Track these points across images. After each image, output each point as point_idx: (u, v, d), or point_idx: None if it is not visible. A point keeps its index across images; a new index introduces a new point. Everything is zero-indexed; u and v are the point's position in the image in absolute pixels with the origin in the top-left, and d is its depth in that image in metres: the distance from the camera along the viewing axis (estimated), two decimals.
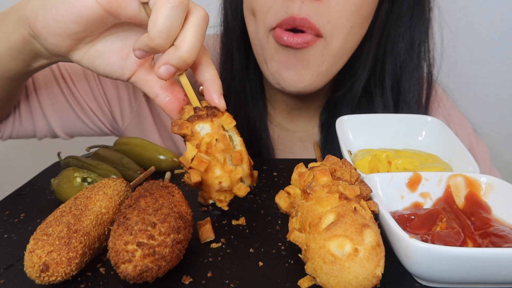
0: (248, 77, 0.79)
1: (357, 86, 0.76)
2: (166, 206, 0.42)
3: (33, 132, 0.79)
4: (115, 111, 0.84)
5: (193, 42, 0.45)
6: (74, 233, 0.40)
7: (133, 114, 0.84)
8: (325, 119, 0.81)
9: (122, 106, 0.83)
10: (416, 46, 0.75)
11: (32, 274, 0.39)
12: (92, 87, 0.81)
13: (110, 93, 0.82)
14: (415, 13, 0.73)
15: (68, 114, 0.80)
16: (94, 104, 0.82)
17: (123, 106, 0.83)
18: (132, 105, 0.84)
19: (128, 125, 0.85)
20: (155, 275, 0.38)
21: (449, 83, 0.87)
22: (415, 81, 0.76)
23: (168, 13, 0.43)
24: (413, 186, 0.49)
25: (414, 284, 0.41)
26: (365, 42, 0.72)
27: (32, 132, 0.79)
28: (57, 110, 0.79)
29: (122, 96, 0.83)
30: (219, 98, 0.49)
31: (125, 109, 0.84)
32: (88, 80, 0.81)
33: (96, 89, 0.81)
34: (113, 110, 0.83)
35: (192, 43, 0.45)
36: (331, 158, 0.47)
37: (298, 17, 0.61)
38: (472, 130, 0.86)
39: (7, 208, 0.56)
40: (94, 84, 0.81)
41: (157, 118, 0.85)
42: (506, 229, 0.43)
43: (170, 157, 0.64)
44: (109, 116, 0.84)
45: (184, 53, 0.45)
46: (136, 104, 0.84)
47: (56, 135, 0.82)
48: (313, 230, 0.38)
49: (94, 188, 0.47)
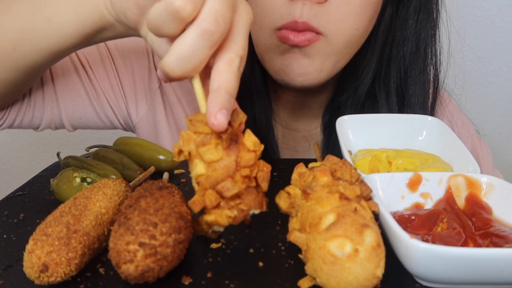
0: (253, 76, 0.79)
1: (361, 90, 0.76)
2: (167, 206, 0.41)
3: (39, 121, 0.76)
4: (130, 102, 0.83)
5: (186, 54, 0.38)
6: (74, 233, 0.40)
7: (148, 107, 0.84)
8: (328, 120, 0.82)
9: (137, 98, 0.83)
10: (422, 50, 0.74)
11: (31, 275, 0.38)
12: (110, 77, 0.80)
13: (127, 84, 0.82)
14: (421, 16, 0.73)
15: (82, 103, 0.79)
16: (111, 94, 0.81)
17: (139, 98, 0.83)
18: (147, 98, 0.83)
19: (142, 117, 0.84)
20: (156, 275, 0.38)
21: (455, 88, 0.86)
22: (421, 85, 0.76)
23: (193, 40, 0.37)
24: (414, 186, 0.49)
25: (415, 284, 0.41)
26: (369, 45, 0.72)
27: (38, 121, 0.76)
28: (72, 99, 0.77)
29: (139, 88, 0.83)
30: (215, 115, 0.37)
31: (141, 101, 0.83)
32: (107, 70, 0.80)
33: (114, 79, 0.81)
34: (128, 102, 0.83)
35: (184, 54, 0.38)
36: (331, 158, 0.47)
37: (300, 20, 0.62)
38: (475, 131, 0.86)
39: (6, 208, 0.56)
40: (112, 74, 0.80)
41: (169, 112, 0.84)
42: (507, 229, 0.43)
43: (170, 157, 0.63)
44: (123, 108, 0.83)
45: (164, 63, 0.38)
46: (151, 97, 0.83)
47: (61, 126, 0.81)
48: (313, 230, 0.38)
49: (94, 188, 0.46)
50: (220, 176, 0.39)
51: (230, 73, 0.39)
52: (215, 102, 0.37)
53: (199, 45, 0.37)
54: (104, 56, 0.80)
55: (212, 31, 0.37)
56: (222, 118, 0.37)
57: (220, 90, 0.38)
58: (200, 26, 0.37)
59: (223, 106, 0.37)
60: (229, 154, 0.39)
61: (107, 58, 0.80)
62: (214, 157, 0.38)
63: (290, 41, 0.64)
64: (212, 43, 0.38)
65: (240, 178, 0.39)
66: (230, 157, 0.39)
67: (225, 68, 0.39)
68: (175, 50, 0.38)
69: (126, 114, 0.84)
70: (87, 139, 1.27)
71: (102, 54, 0.80)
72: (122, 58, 0.81)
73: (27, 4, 0.56)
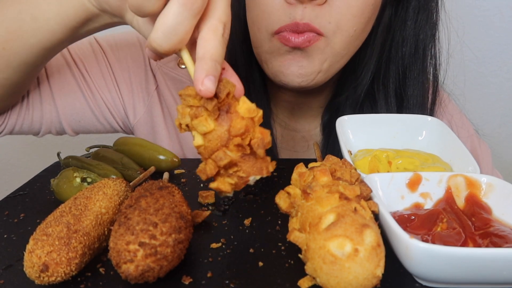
0: (251, 77, 0.79)
1: (360, 90, 0.76)
2: (167, 206, 0.41)
3: (39, 126, 0.77)
4: (127, 104, 0.83)
5: (171, 27, 0.38)
6: (74, 233, 0.40)
7: (145, 109, 0.84)
8: (327, 121, 0.82)
9: (135, 99, 0.83)
10: (421, 51, 0.74)
11: (31, 275, 0.39)
12: (106, 79, 0.80)
13: (124, 86, 0.82)
14: (420, 17, 0.73)
15: (80, 106, 0.79)
16: (107, 95, 0.81)
17: (136, 100, 0.83)
18: (145, 99, 0.83)
19: (140, 119, 0.84)
20: (156, 275, 0.38)
21: (455, 88, 0.86)
22: (420, 86, 0.76)
23: (175, 12, 0.37)
24: (413, 186, 0.49)
25: (415, 284, 0.41)
26: (368, 46, 0.72)
27: (38, 125, 0.77)
28: (70, 102, 0.78)
29: (136, 90, 0.83)
30: (202, 81, 0.38)
31: (138, 103, 0.83)
32: (103, 72, 0.80)
33: (110, 80, 0.81)
34: (125, 104, 0.83)
35: (169, 28, 0.38)
36: (331, 158, 0.47)
37: (301, 22, 0.62)
38: (474, 132, 0.86)
39: (7, 208, 0.56)
40: (108, 76, 0.81)
41: (167, 114, 0.84)
42: (506, 229, 0.43)
43: (170, 157, 0.64)
44: (121, 110, 0.83)
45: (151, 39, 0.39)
46: (148, 99, 0.83)
47: (61, 131, 0.81)
48: (313, 230, 0.38)
49: (94, 188, 0.47)
50: (215, 146, 0.40)
51: (214, 40, 0.39)
52: (201, 69, 0.38)
53: (182, 16, 0.37)
54: (100, 58, 0.80)
55: (192, 1, 0.37)
56: (208, 84, 0.38)
57: (205, 58, 0.39)
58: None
59: (209, 73, 0.38)
60: (221, 124, 0.40)
61: (102, 60, 0.80)
62: (206, 128, 0.39)
63: (291, 42, 0.64)
64: (195, 12, 0.38)
65: (234, 147, 0.40)
66: (222, 127, 0.40)
67: (209, 35, 0.39)
68: (160, 25, 0.38)
69: (124, 116, 0.84)
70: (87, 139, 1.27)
71: (98, 56, 0.80)
72: (118, 61, 0.81)
73: (12, 6, 0.57)
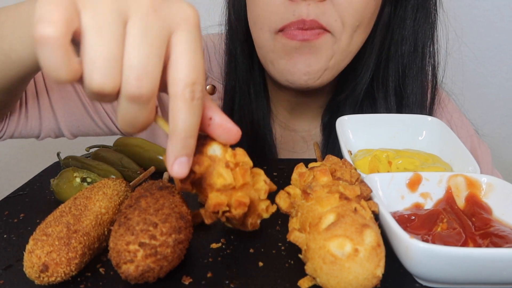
0: (252, 77, 0.79)
1: (359, 89, 0.76)
2: (167, 206, 0.41)
3: (38, 132, 0.77)
4: None
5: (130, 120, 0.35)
6: (74, 233, 0.40)
7: None
8: (327, 121, 0.82)
9: None
10: (420, 49, 0.74)
11: (31, 275, 0.38)
12: None
13: None
14: (418, 16, 0.73)
15: (79, 113, 0.79)
16: None
17: None
18: None
19: None
20: (156, 275, 0.38)
21: (454, 88, 0.86)
22: (419, 84, 0.76)
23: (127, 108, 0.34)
24: (414, 186, 0.49)
25: (415, 284, 0.41)
26: (367, 44, 0.72)
27: (37, 131, 0.77)
28: (68, 110, 0.78)
29: None
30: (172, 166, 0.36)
31: None
32: None
33: None
34: None
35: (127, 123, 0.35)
36: (331, 158, 0.47)
37: (307, 19, 0.62)
38: (474, 132, 0.86)
39: (7, 208, 0.56)
40: None
41: (166, 117, 0.84)
42: (506, 229, 0.43)
43: None
44: None
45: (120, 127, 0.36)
46: None
47: (61, 135, 0.81)
48: (313, 230, 0.38)
49: (94, 188, 0.47)
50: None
51: (183, 109, 0.35)
52: (171, 152, 0.36)
53: (134, 109, 0.34)
54: None
55: (137, 95, 0.33)
56: (178, 169, 0.36)
57: (175, 135, 0.36)
58: (125, 93, 0.33)
59: (179, 154, 0.36)
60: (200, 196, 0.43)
61: None
62: None
63: (298, 38, 0.63)
64: (145, 102, 0.34)
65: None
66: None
67: (178, 105, 0.35)
68: (119, 118, 0.35)
69: None
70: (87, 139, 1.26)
71: None
72: None
73: None
